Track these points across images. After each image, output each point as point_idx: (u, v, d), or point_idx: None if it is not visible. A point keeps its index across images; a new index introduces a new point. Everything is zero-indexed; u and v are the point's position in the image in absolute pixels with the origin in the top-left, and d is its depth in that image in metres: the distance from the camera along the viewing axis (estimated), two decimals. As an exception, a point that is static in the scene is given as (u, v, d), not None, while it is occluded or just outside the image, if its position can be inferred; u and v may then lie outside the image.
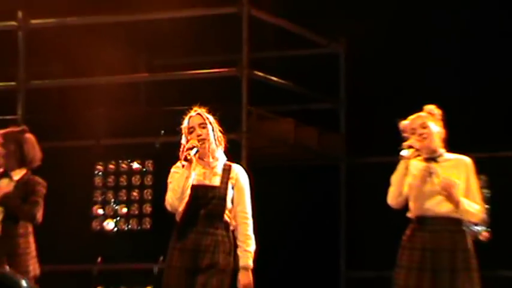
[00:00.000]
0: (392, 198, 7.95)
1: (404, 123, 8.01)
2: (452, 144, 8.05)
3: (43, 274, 9.29)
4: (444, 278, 7.90)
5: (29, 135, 9.14)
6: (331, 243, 13.73)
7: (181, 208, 7.61)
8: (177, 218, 7.72)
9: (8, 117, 12.51)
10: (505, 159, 13.22)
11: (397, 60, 13.13)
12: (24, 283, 4.09)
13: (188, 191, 7.48)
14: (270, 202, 10.58)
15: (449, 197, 7.83)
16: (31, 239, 9.04)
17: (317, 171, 13.89)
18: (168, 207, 7.59)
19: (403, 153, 7.85)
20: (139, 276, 12.50)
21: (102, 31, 13.54)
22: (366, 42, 13.47)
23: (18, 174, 8.97)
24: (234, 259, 7.58)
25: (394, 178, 7.96)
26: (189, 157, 7.37)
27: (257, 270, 7.67)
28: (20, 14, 13.06)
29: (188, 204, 7.55)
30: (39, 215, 8.91)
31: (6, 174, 9.03)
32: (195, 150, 7.36)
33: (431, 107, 8.09)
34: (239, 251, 7.59)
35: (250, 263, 7.52)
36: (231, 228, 7.67)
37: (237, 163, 7.88)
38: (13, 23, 12.99)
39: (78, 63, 13.75)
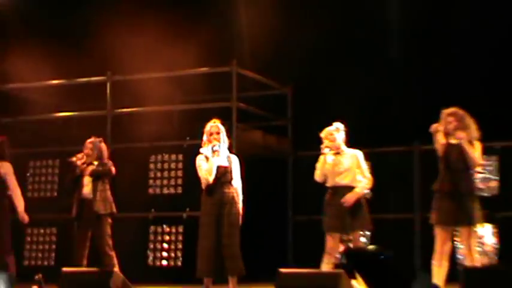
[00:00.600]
0: (317, 177, 10.73)
1: (322, 133, 10.74)
2: (353, 142, 10.92)
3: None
4: (347, 216, 10.56)
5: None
6: (282, 199, 16.30)
7: (211, 180, 10.31)
8: (204, 186, 10.37)
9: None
10: (385, 153, 15.42)
11: (328, 99, 15.47)
12: None
13: (214, 170, 10.27)
14: (249, 178, 11.45)
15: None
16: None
17: (276, 160, 16.52)
18: (204, 181, 10.32)
19: (325, 151, 10.61)
20: (175, 219, 15.11)
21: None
22: (305, 86, 16.38)
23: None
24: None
25: (318, 165, 10.70)
26: (214, 149, 10.21)
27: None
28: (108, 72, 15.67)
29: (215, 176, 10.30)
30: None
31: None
32: (217, 145, 10.20)
33: (337, 124, 10.82)
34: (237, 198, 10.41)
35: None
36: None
37: (234, 154, 10.63)
38: (103, 77, 15.75)
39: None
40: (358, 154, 10.84)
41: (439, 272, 9.88)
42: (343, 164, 10.74)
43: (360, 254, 2.00)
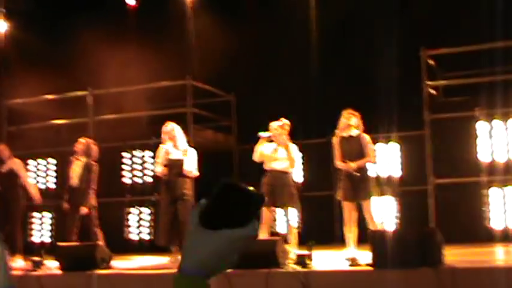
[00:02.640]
0: (256, 158, 10.60)
1: (272, 124, 10.56)
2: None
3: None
4: (278, 196, 10.47)
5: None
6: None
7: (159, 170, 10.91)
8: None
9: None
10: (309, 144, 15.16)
11: (264, 102, 15.10)
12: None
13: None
14: (203, 168, 11.29)
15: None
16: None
17: (224, 153, 16.34)
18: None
19: (262, 134, 10.46)
20: (145, 202, 15.20)
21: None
22: (245, 93, 16.25)
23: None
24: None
25: (256, 147, 10.54)
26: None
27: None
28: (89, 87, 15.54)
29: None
30: None
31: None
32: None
33: (283, 120, 10.64)
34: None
35: None
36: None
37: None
38: (85, 92, 15.78)
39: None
40: (294, 146, 10.77)
41: (350, 236, 10.10)
42: (281, 153, 10.62)
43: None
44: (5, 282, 1.80)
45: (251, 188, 1.68)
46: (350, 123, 10.22)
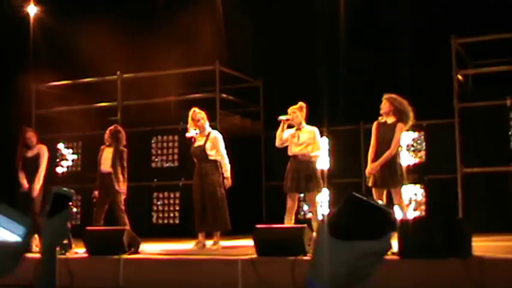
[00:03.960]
0: (277, 144, 10.57)
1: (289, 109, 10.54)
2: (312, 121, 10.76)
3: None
4: (302, 179, 10.38)
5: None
6: (257, 169, 16.34)
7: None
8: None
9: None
10: (339, 131, 15.36)
11: (291, 89, 14.77)
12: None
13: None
14: (231, 153, 11.25)
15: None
16: None
17: (251, 139, 16.39)
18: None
19: (281, 117, 10.41)
20: (173, 187, 15.12)
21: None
22: (273, 79, 16.33)
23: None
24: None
25: (277, 133, 10.50)
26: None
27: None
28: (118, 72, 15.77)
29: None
30: None
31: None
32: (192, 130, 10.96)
33: (300, 103, 10.53)
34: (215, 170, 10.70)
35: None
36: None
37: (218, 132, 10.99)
38: (114, 76, 15.84)
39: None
40: (315, 130, 10.65)
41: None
42: (301, 137, 10.53)
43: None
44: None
45: (383, 207, 1.57)
46: (382, 109, 10.07)
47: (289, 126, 10.59)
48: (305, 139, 10.47)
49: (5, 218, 1.81)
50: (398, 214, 9.88)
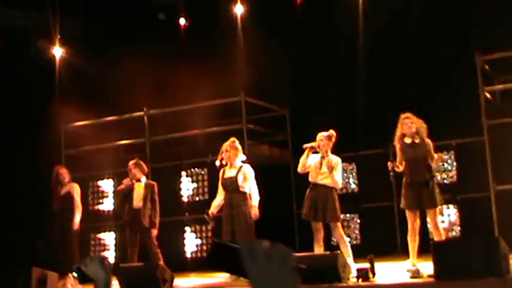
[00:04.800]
0: (299, 169, 10.53)
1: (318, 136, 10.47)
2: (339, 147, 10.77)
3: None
4: (320, 208, 10.34)
5: None
6: (287, 197, 16.17)
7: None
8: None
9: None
10: (368, 155, 15.44)
11: (317, 116, 14.61)
12: None
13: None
14: (261, 182, 11.33)
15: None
16: None
17: (280, 167, 16.34)
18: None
19: (305, 145, 10.39)
20: (204, 220, 13.22)
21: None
22: (299, 107, 16.39)
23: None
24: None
25: (301, 159, 10.45)
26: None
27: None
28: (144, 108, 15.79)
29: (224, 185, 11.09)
30: None
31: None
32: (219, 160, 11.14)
33: (331, 131, 10.49)
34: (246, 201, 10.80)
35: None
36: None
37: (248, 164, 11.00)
38: (141, 113, 15.82)
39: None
40: (339, 161, 10.56)
41: (413, 246, 9.81)
42: (324, 166, 10.45)
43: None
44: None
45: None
46: (405, 128, 10.04)
47: (315, 152, 10.54)
48: (327, 169, 10.39)
49: None
50: (435, 235, 9.80)
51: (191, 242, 15.38)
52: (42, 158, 15.20)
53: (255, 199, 10.81)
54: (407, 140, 9.99)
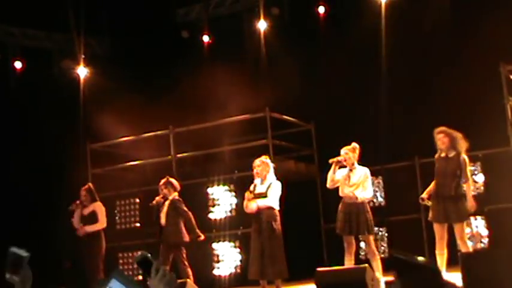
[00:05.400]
0: (328, 185, 10.66)
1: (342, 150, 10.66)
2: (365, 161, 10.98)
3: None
4: (353, 221, 10.44)
5: None
6: (315, 212, 16.00)
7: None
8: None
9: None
10: (394, 168, 15.36)
11: (342, 130, 14.71)
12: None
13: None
14: (288, 198, 11.54)
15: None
16: None
17: (307, 182, 16.20)
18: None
19: (331, 160, 10.54)
20: (232, 236, 14.97)
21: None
22: (324, 122, 16.19)
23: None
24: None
25: (328, 174, 10.61)
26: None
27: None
28: (170, 126, 15.64)
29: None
30: None
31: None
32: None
33: (354, 144, 10.63)
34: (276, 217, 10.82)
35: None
36: None
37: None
38: (167, 131, 15.75)
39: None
40: (367, 172, 10.65)
41: (441, 259, 9.89)
42: (352, 179, 10.54)
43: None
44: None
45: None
46: (438, 143, 10.14)
47: (342, 167, 10.62)
48: (356, 180, 10.49)
49: (121, 284, 2.22)
50: (462, 248, 9.87)
51: (220, 259, 15.31)
52: (69, 177, 15.28)
53: (270, 198, 10.81)
54: (442, 154, 10.08)
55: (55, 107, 17.22)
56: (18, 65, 18.29)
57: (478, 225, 14.31)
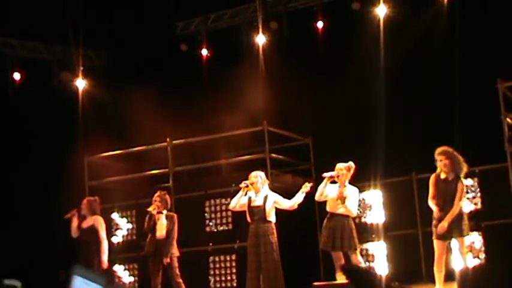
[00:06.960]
0: (316, 197, 10.65)
1: (336, 166, 10.59)
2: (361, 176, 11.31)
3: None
4: (337, 237, 10.41)
5: None
6: (311, 226, 15.45)
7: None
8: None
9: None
10: (392, 183, 15.01)
11: (340, 145, 14.98)
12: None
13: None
14: (284, 212, 11.32)
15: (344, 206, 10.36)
16: None
17: (305, 196, 12.74)
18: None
19: (325, 174, 10.50)
20: (229, 250, 14.79)
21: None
22: (322, 136, 16.18)
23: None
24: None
25: (319, 187, 10.53)
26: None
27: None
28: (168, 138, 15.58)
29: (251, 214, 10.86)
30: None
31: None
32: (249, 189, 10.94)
33: (350, 163, 10.60)
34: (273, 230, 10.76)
35: None
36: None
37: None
38: (164, 143, 15.67)
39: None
40: (356, 191, 10.67)
41: (439, 275, 9.87)
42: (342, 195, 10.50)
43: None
44: None
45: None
46: (440, 165, 10.07)
47: (333, 182, 10.62)
48: (340, 200, 10.51)
49: (84, 280, 2.03)
50: (460, 263, 9.94)
51: (215, 272, 15.25)
52: (66, 189, 15.24)
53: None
54: (442, 176, 10.01)
55: (53, 118, 17.27)
56: (17, 76, 18.46)
57: (475, 240, 14.16)
